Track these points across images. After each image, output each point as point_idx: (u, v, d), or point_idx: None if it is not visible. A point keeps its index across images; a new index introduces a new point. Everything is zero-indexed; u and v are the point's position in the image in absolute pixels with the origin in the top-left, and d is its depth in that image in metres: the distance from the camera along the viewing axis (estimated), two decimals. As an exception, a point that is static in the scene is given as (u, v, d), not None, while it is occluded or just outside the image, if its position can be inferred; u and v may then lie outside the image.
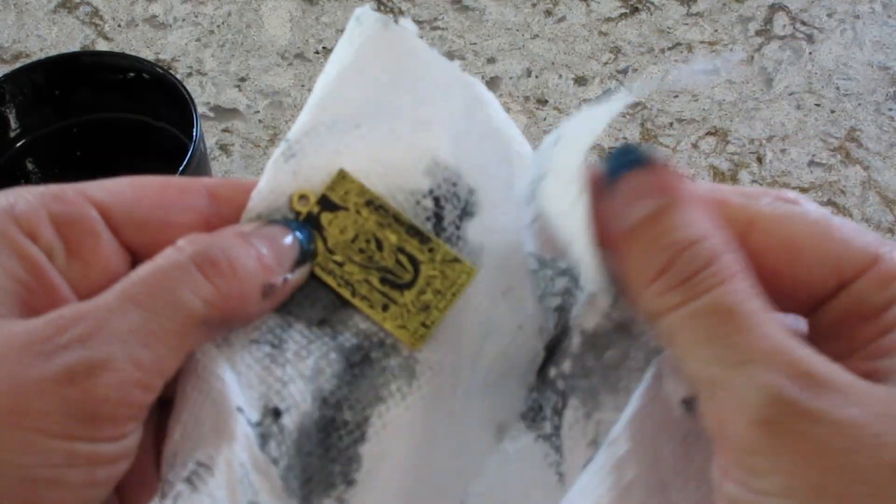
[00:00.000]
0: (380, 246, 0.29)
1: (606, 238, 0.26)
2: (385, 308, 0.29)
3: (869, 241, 0.26)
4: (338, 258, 0.29)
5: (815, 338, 0.26)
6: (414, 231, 0.29)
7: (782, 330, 0.24)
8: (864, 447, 0.22)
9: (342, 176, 0.30)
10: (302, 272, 0.29)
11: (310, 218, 0.30)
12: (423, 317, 0.29)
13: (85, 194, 0.28)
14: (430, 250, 0.29)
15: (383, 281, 0.29)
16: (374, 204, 0.30)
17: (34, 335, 0.25)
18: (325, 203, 0.30)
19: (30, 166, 0.68)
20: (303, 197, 0.30)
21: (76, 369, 0.24)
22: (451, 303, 0.29)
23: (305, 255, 0.29)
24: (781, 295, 0.26)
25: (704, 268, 0.24)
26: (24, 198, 0.27)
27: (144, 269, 0.27)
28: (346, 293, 0.29)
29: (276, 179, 0.30)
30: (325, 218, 0.29)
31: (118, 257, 0.28)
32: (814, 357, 0.23)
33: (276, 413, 0.27)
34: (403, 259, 0.29)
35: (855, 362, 0.24)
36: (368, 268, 0.29)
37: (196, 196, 0.29)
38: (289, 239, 0.29)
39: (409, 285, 0.29)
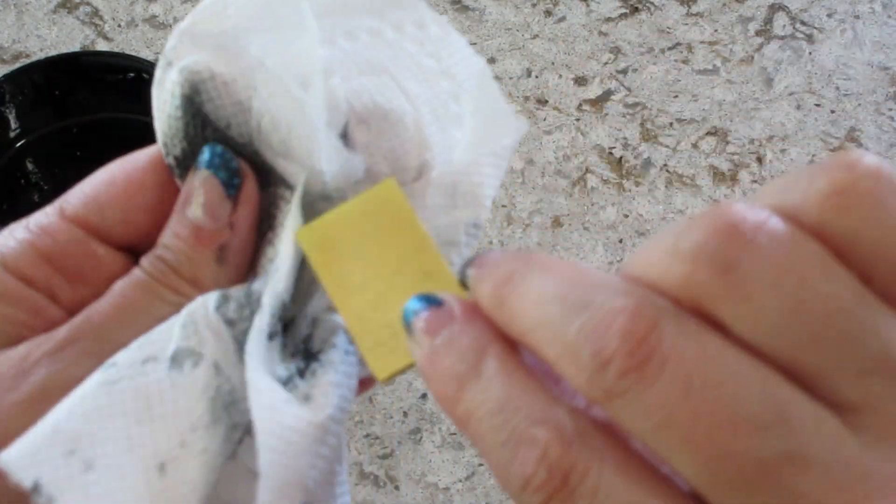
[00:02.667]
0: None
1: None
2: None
3: None
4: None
5: None
6: None
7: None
8: None
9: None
10: (244, 205, 0.28)
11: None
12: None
13: (64, 216, 0.28)
14: None
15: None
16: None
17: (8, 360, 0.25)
18: None
19: (30, 166, 0.68)
20: None
21: (35, 396, 0.24)
22: None
23: (233, 184, 0.28)
24: None
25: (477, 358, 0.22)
26: (9, 243, 0.27)
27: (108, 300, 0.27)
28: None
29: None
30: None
31: (117, 263, 0.28)
32: None
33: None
34: None
35: None
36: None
37: (155, 169, 0.29)
38: (212, 189, 0.28)
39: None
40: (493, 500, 0.63)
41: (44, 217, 0.28)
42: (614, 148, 0.79)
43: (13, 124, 0.67)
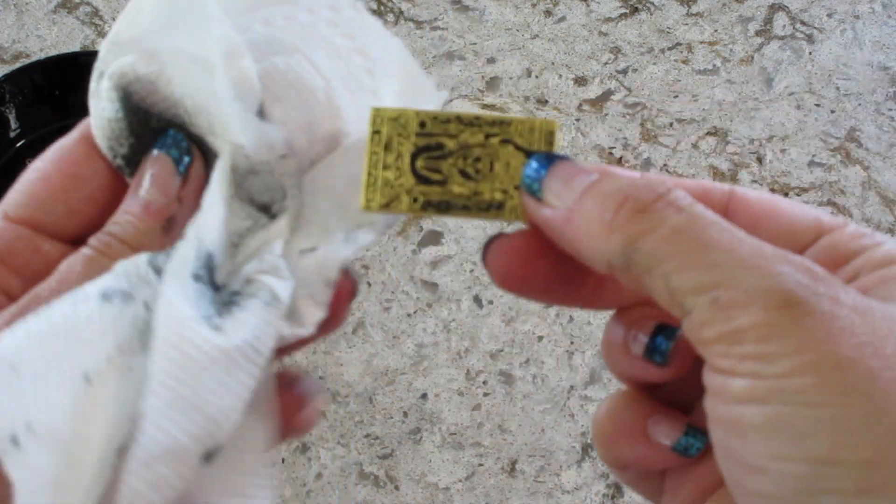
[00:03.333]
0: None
1: (544, 226, 0.27)
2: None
3: (834, 219, 0.28)
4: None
5: None
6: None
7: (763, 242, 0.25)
8: (881, 324, 0.23)
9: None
10: (192, 181, 0.29)
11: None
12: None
13: (8, 217, 0.29)
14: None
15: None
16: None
17: None
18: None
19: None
20: None
21: None
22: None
23: (183, 162, 0.29)
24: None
25: (664, 195, 0.25)
26: None
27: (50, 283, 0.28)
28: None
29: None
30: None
31: (62, 258, 0.29)
32: (808, 259, 0.24)
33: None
34: None
35: None
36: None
37: (88, 159, 0.30)
38: (164, 166, 0.29)
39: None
40: (493, 500, 0.63)
41: None
42: (614, 148, 0.79)
43: (13, 124, 0.67)
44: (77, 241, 0.29)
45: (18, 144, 0.68)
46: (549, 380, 0.68)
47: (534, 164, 0.27)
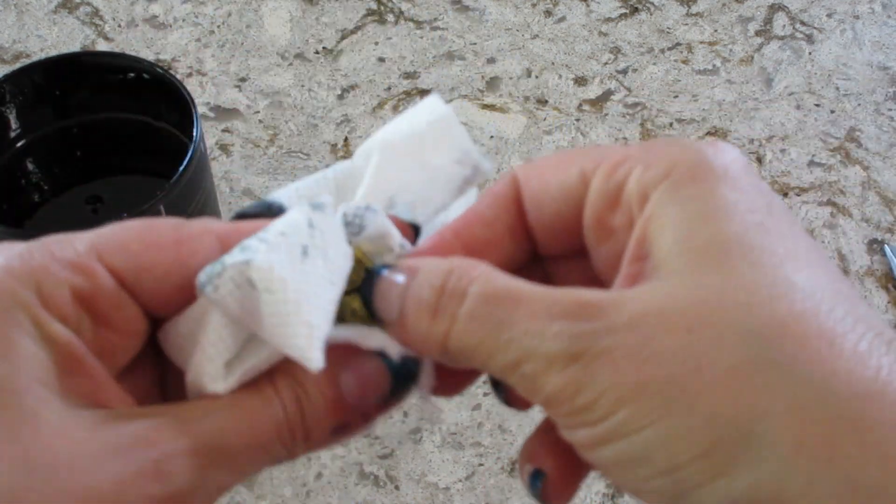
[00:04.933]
0: None
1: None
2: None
3: (601, 150, 0.29)
4: None
5: (598, 257, 0.29)
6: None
7: (537, 287, 0.26)
8: (657, 330, 0.24)
9: None
10: (388, 409, 0.28)
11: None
12: None
13: (103, 260, 0.27)
14: None
15: None
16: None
17: (116, 438, 0.24)
18: None
19: (30, 166, 0.68)
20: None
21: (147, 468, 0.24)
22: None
23: (398, 394, 0.28)
24: (562, 230, 0.29)
25: (445, 287, 0.26)
26: (48, 276, 0.26)
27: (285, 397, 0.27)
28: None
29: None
30: None
31: (139, 321, 0.28)
32: (576, 291, 0.26)
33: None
34: None
35: (626, 268, 0.27)
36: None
37: (208, 249, 0.28)
38: (379, 369, 0.28)
39: None
40: (494, 500, 0.63)
41: (75, 255, 0.27)
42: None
43: (13, 124, 0.67)
44: (142, 307, 0.28)
45: (18, 144, 0.68)
46: (549, 380, 0.68)
47: (361, 299, 0.28)
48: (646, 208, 0.26)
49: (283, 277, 0.25)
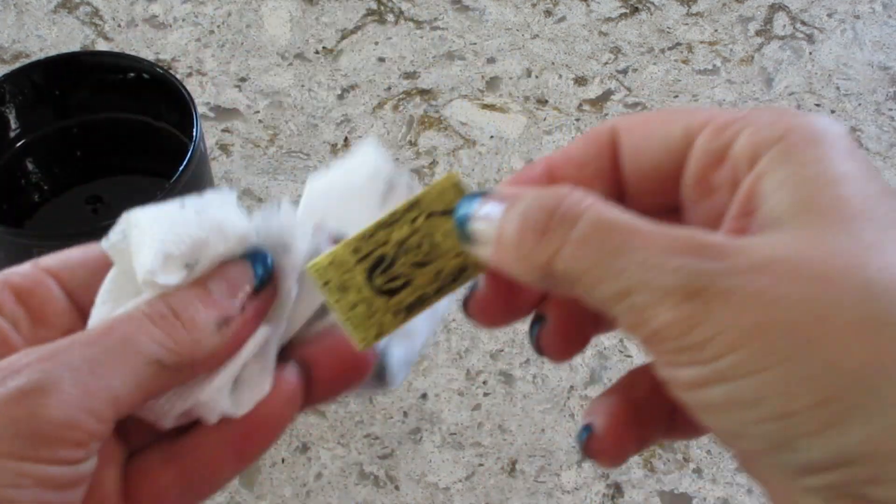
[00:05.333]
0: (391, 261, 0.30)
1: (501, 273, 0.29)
2: (355, 252, 0.30)
3: (706, 111, 0.29)
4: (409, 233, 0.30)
5: (696, 213, 0.29)
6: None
7: (652, 223, 0.26)
8: (783, 277, 0.24)
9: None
10: (264, 295, 0.30)
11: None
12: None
13: (38, 265, 0.30)
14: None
15: (379, 258, 0.29)
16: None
17: None
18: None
19: (30, 166, 0.68)
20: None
21: (24, 389, 0.26)
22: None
23: (263, 280, 0.30)
24: (657, 183, 0.29)
25: (558, 210, 0.26)
26: None
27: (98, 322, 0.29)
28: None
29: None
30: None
31: (79, 323, 0.30)
32: (696, 232, 0.25)
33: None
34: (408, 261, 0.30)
35: (731, 223, 0.27)
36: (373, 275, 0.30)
37: None
38: (242, 268, 0.30)
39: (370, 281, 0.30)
40: (494, 500, 0.63)
41: (23, 265, 0.30)
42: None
43: (13, 124, 0.67)
44: (83, 309, 0.30)
45: (18, 144, 0.68)
46: (550, 380, 0.68)
47: (456, 219, 0.29)
48: (757, 166, 0.26)
49: (150, 216, 0.29)
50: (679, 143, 0.28)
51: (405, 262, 0.29)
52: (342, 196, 0.32)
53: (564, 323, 0.30)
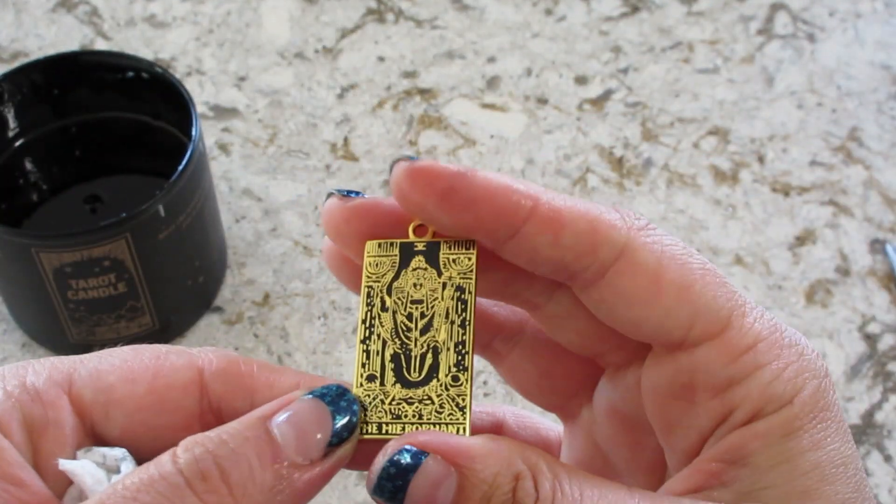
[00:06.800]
0: (425, 329, 0.27)
1: None
2: (370, 380, 0.26)
3: (724, 303, 0.25)
4: (387, 301, 0.27)
5: (658, 387, 0.26)
6: (461, 351, 0.27)
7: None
8: None
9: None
10: (339, 455, 0.24)
11: (430, 246, 0.28)
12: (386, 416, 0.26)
13: (70, 391, 0.25)
14: (454, 377, 0.27)
15: (393, 358, 0.27)
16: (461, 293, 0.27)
17: None
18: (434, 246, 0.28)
19: (28, 166, 0.68)
20: (420, 226, 0.28)
21: None
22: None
23: (342, 438, 0.24)
24: (633, 325, 0.26)
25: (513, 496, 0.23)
26: (8, 399, 0.24)
27: (137, 477, 0.23)
28: (361, 329, 0.27)
29: None
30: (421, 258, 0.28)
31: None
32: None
33: None
34: (428, 357, 0.27)
35: (705, 456, 0.25)
36: (396, 336, 0.27)
37: (186, 383, 0.26)
38: (322, 420, 0.24)
39: (409, 384, 0.26)
40: (494, 500, 0.63)
41: (48, 380, 0.25)
42: (615, 147, 0.79)
43: (12, 124, 0.67)
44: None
45: (17, 144, 0.67)
46: (550, 380, 0.67)
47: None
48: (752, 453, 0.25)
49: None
50: (678, 328, 0.26)
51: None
52: None
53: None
